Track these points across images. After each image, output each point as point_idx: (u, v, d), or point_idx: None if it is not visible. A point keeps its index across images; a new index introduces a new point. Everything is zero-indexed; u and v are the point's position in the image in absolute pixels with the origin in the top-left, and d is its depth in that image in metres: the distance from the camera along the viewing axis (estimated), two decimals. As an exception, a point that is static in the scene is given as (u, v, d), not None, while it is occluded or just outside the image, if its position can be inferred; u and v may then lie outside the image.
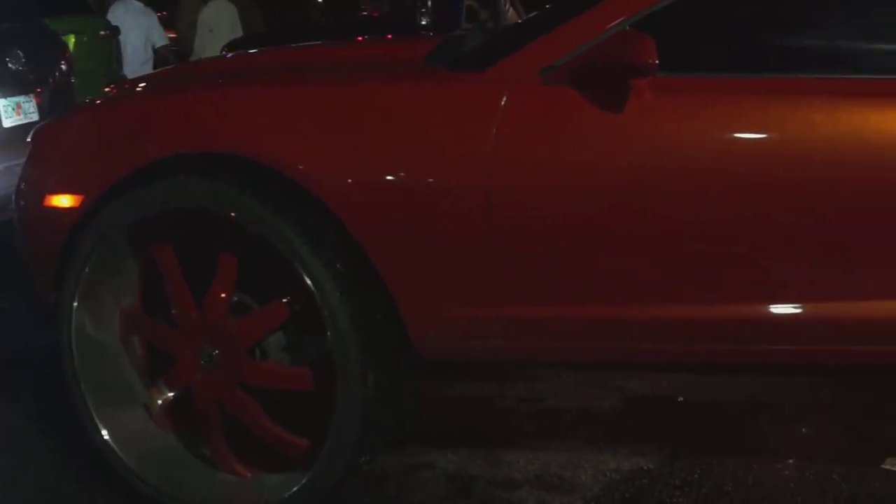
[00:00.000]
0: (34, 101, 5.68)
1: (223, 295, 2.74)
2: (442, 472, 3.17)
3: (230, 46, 8.22)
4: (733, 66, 2.56)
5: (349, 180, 2.55)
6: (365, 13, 11.77)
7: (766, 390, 3.70)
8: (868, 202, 2.44)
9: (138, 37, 9.59)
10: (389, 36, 5.47)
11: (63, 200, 2.82)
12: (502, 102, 2.49)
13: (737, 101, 2.48)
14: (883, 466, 3.16)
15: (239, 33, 9.48)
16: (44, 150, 3.02)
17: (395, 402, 2.81)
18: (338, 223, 2.57)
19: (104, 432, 2.89)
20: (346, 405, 2.63)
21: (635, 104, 2.46)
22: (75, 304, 2.82)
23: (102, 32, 9.10)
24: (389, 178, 2.54)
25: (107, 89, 3.92)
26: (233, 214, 2.61)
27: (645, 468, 3.15)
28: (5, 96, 5.47)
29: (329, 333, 2.59)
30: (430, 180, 2.52)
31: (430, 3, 7.61)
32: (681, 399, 3.67)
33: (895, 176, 2.43)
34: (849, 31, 2.62)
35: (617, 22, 2.51)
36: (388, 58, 3.47)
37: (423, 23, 7.57)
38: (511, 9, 8.27)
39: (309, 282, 2.57)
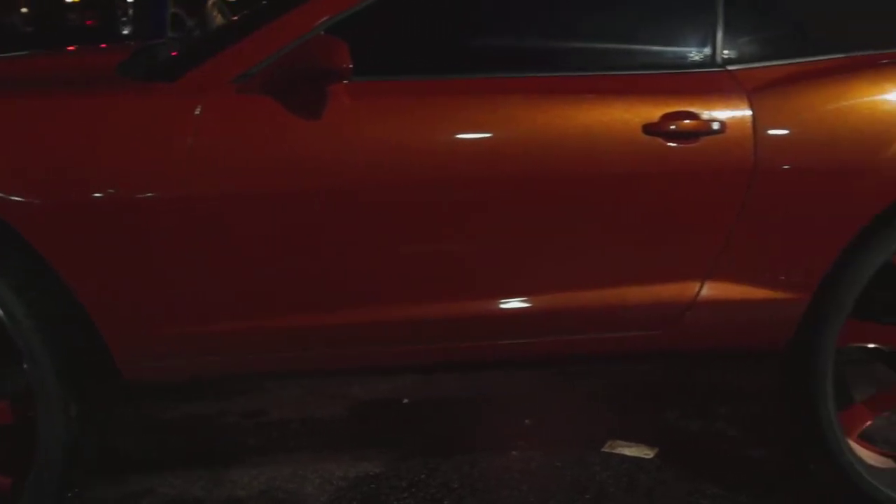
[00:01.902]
0: None
1: None
2: (163, 497, 3.10)
3: None
4: (428, 69, 2.65)
5: (33, 197, 2.45)
6: (74, 22, 11.33)
7: (489, 386, 3.84)
8: (571, 193, 2.60)
9: None
10: (104, 46, 5.30)
11: None
12: (196, 112, 2.47)
13: (433, 103, 2.57)
14: (603, 450, 3.35)
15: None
16: None
17: (103, 430, 2.75)
18: (27, 244, 2.48)
19: None
20: (47, 437, 2.53)
21: (332, 109, 2.49)
22: None
23: None
24: (78, 193, 2.46)
25: None
26: None
27: (371, 473, 3.20)
28: None
29: (25, 363, 2.50)
30: (122, 195, 2.46)
31: (131, 11, 7.42)
32: (406, 401, 3.75)
33: (599, 169, 2.59)
34: (538, 31, 2.77)
35: (310, 28, 2.55)
36: (81, 69, 3.37)
37: (125, 32, 7.37)
38: (219, 16, 8.17)
39: (-1, 310, 2.48)
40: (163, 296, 2.54)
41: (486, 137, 2.57)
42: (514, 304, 2.66)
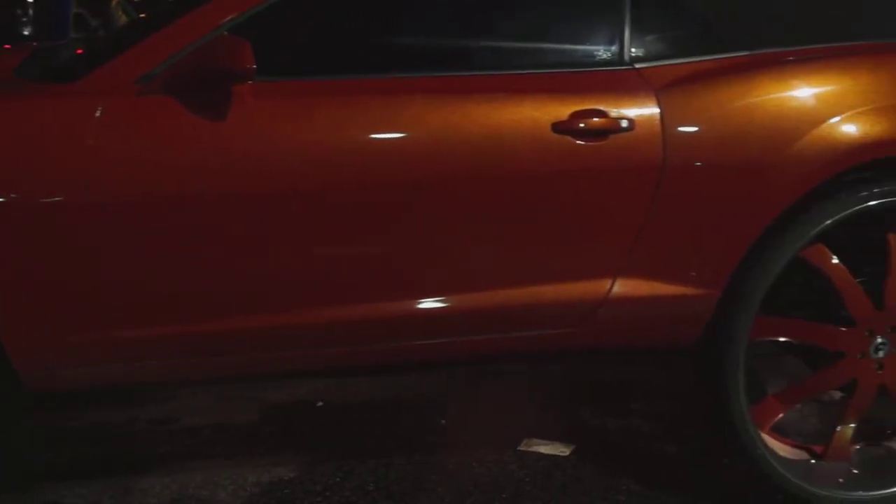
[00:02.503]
0: None
1: None
2: (71, 508, 3.07)
3: None
4: (334, 68, 2.63)
5: None
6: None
7: (404, 387, 3.85)
8: (481, 192, 2.60)
9: None
10: (7, 46, 5.19)
11: None
12: (97, 114, 2.43)
13: (339, 103, 2.55)
14: (519, 448, 3.37)
15: None
16: None
17: (7, 440, 2.69)
18: None
19: None
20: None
21: (236, 110, 2.46)
22: None
23: None
24: None
25: None
26: None
27: (286, 478, 3.17)
28: None
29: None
30: (21, 198, 2.41)
31: (31, 11, 7.26)
32: (320, 404, 3.74)
33: (510, 168, 2.59)
34: (446, 30, 2.77)
35: (213, 28, 2.52)
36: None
37: (26, 33, 7.20)
38: (124, 16, 8.04)
39: None
40: (65, 301, 2.49)
41: (394, 138, 2.57)
42: (429, 304, 2.66)
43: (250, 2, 2.57)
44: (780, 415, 3.07)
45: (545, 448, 3.36)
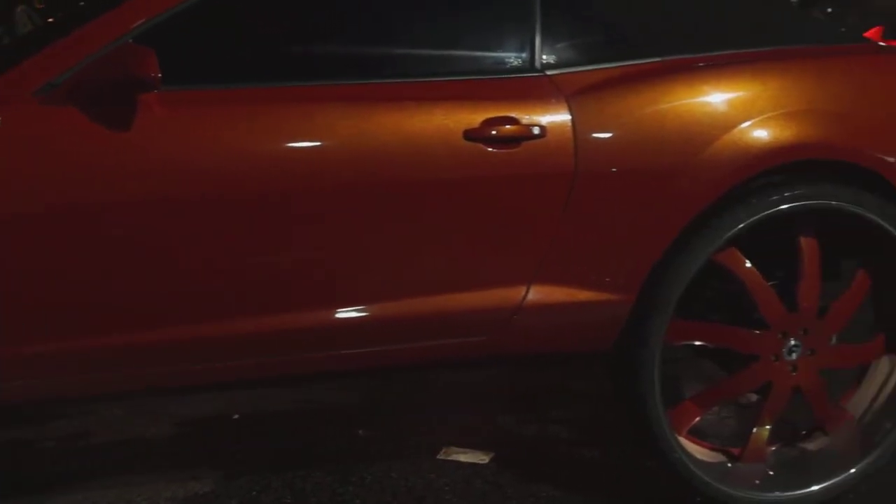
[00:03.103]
0: None
1: None
2: (-23, 529, 3.02)
3: None
4: (243, 77, 2.62)
5: None
6: None
7: (321, 398, 3.84)
8: (395, 201, 2.59)
9: None
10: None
11: None
12: None
13: (247, 112, 2.53)
14: (438, 457, 3.38)
15: None
16: None
17: None
18: None
19: None
20: None
21: (141, 120, 2.43)
22: None
23: None
24: None
25: None
26: None
27: (201, 492, 3.15)
28: None
29: None
30: None
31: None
32: (236, 416, 3.72)
33: (422, 176, 2.60)
34: (357, 38, 2.76)
35: (117, 36, 2.48)
36: None
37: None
38: (29, 23, 7.89)
39: None
40: None
41: (304, 147, 2.55)
42: (343, 315, 2.64)
43: (156, 9, 2.54)
44: (697, 418, 3.11)
45: (464, 456, 3.38)
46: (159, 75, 2.37)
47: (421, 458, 3.37)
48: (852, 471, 3.10)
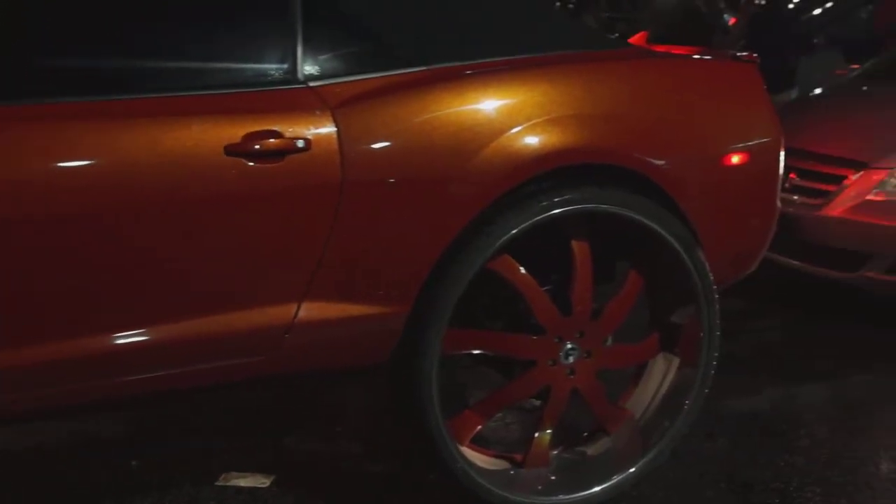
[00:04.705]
0: None
1: None
2: None
3: None
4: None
5: None
6: None
7: (85, 428, 3.71)
8: (156, 222, 2.54)
9: None
10: None
11: None
12: None
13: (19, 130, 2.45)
14: (217, 483, 3.34)
15: None
16: None
17: None
18: None
19: None
20: None
21: None
22: None
23: None
24: None
25: None
26: None
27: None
28: None
29: None
30: None
31: None
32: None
33: (183, 194, 2.54)
34: (111, 52, 2.68)
35: None
36: None
37: None
38: None
39: None
40: None
41: (51, 168, 2.44)
42: (109, 341, 2.56)
43: None
44: (479, 427, 3.17)
45: (244, 481, 3.34)
46: None
47: (199, 486, 3.31)
48: (632, 470, 3.22)
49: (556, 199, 2.91)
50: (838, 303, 5.35)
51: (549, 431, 3.17)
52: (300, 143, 2.62)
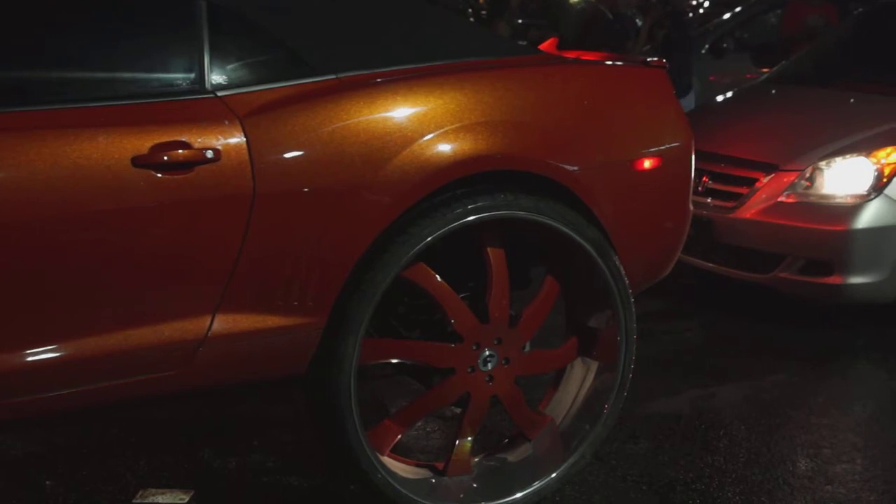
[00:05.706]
0: None
1: None
2: None
3: None
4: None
5: None
6: None
7: (39, 447, 3.65)
8: (63, 236, 2.50)
9: None
10: None
11: None
12: None
13: None
14: (134, 501, 3.29)
15: None
16: None
17: None
18: None
19: None
20: None
21: None
22: None
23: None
24: None
25: None
26: None
27: None
28: None
29: None
30: None
31: None
32: None
33: (90, 207, 2.50)
34: (12, 62, 2.64)
35: None
36: None
37: None
38: None
39: None
40: None
41: None
42: (17, 359, 2.53)
43: None
44: (400, 436, 3.17)
45: (162, 497, 3.30)
46: None
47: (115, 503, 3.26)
48: (554, 475, 3.25)
49: (469, 207, 2.92)
50: (753, 304, 5.43)
51: (469, 439, 3.18)
52: (209, 154, 2.60)
